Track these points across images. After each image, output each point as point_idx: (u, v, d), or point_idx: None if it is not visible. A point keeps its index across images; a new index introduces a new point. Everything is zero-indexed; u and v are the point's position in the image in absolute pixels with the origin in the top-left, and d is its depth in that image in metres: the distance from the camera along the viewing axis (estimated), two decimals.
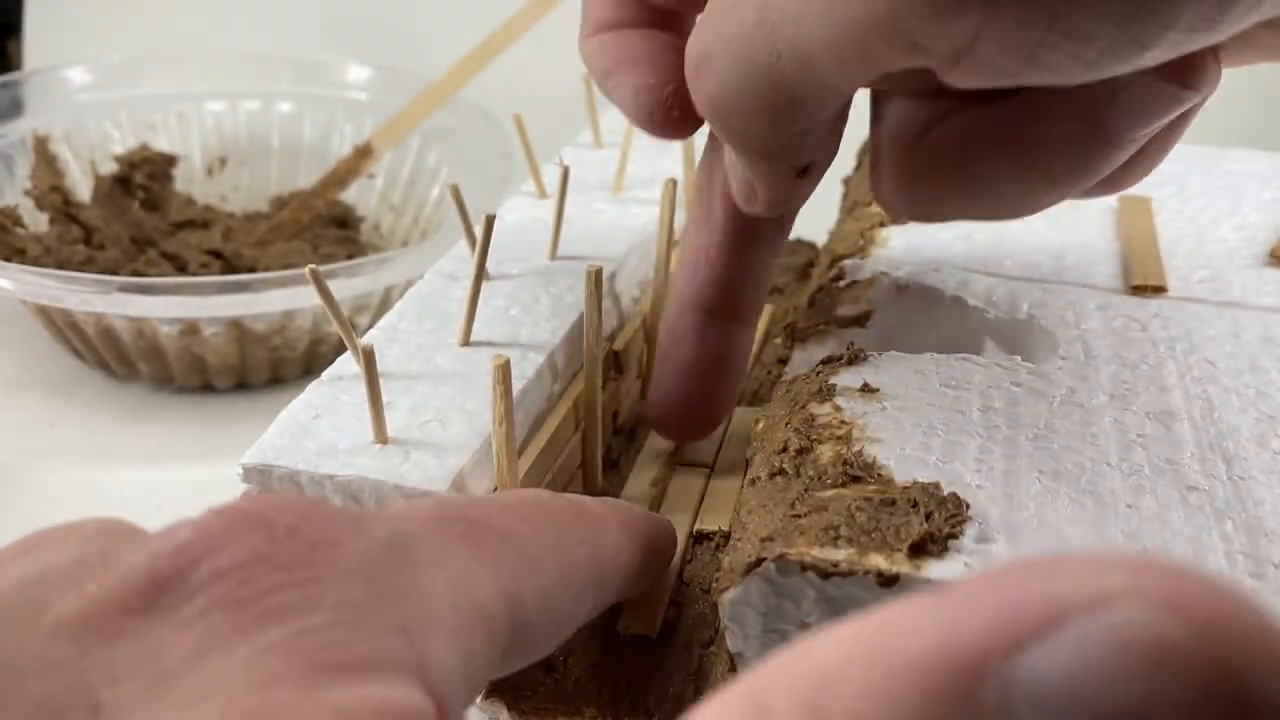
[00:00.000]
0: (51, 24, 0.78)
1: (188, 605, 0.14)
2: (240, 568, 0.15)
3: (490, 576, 0.17)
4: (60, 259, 0.50)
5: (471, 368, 0.29)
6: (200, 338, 0.45)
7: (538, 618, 0.19)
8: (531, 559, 0.19)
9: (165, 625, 0.14)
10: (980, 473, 0.24)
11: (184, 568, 0.15)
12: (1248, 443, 0.25)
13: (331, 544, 0.16)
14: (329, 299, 0.26)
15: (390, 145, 0.57)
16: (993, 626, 0.10)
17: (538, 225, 0.37)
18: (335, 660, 0.14)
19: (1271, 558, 0.22)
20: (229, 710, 0.13)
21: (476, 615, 0.17)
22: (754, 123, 0.23)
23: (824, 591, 0.21)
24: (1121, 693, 0.09)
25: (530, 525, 0.20)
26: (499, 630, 0.17)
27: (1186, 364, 0.29)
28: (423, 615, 0.16)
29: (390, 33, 0.76)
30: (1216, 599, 0.09)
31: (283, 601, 0.15)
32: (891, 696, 0.10)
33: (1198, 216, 0.38)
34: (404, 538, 0.17)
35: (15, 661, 0.14)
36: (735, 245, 0.28)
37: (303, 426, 0.26)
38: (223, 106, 0.60)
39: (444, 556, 0.17)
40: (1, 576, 0.15)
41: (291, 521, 0.16)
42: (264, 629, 0.14)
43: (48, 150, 0.55)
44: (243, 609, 0.14)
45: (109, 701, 0.13)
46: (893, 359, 0.28)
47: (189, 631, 0.14)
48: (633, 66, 0.27)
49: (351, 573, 0.15)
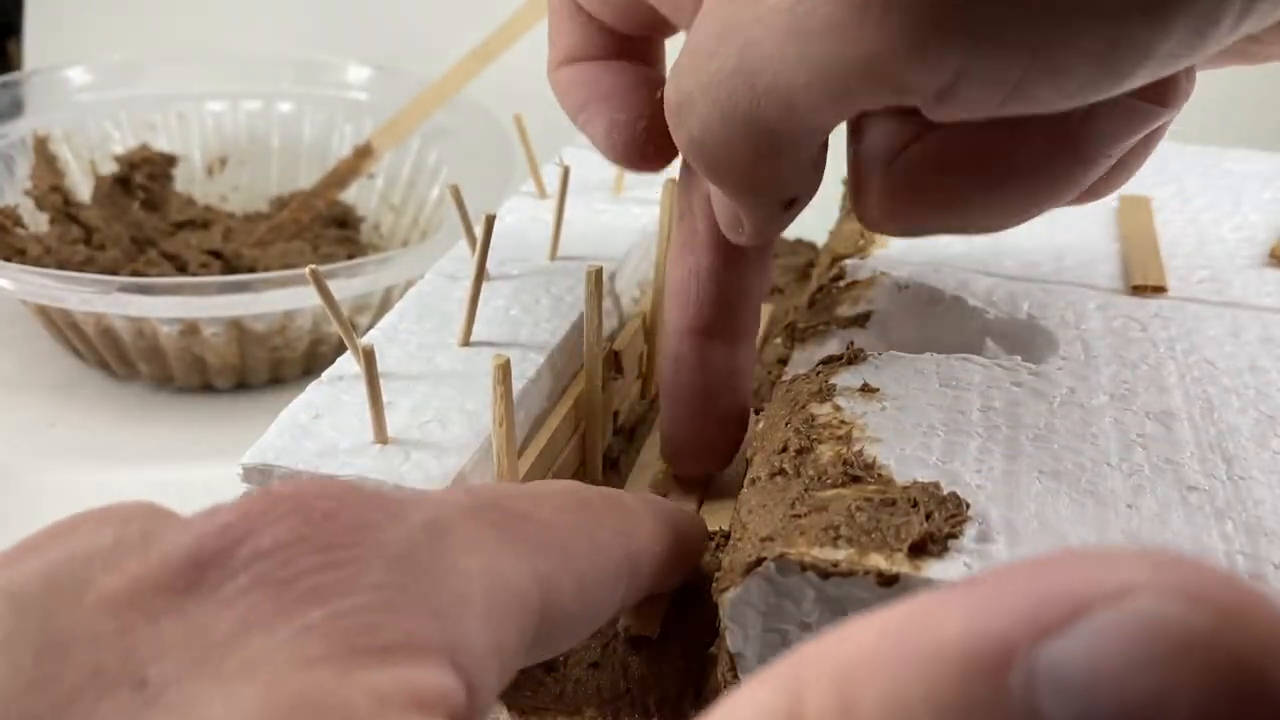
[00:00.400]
0: (51, 24, 0.78)
1: (230, 584, 0.15)
2: (281, 548, 0.15)
3: (524, 564, 0.18)
4: (60, 259, 0.50)
5: (471, 368, 0.29)
6: (200, 338, 0.45)
7: (571, 606, 0.19)
8: (565, 548, 0.19)
9: (208, 604, 0.15)
10: (980, 473, 0.24)
11: (226, 548, 0.15)
12: (1248, 443, 0.25)
13: (369, 528, 0.16)
14: (329, 299, 0.26)
15: (390, 145, 0.57)
16: (1020, 616, 0.10)
17: (538, 225, 0.37)
18: (371, 643, 0.14)
19: (1271, 558, 0.22)
20: (271, 689, 0.14)
21: (509, 602, 0.17)
22: (737, 163, 0.23)
23: (824, 591, 0.21)
24: (1141, 679, 0.09)
25: (564, 515, 0.20)
26: (531, 617, 0.18)
27: (1186, 364, 0.29)
28: (456, 600, 0.16)
29: (390, 33, 0.76)
30: (1233, 591, 0.10)
31: (322, 582, 0.15)
32: (922, 680, 0.10)
33: (1198, 216, 0.38)
34: (439, 523, 0.17)
35: (62, 637, 0.14)
36: (724, 266, 0.28)
37: (303, 426, 0.27)
38: (223, 106, 0.60)
39: (478, 543, 0.17)
40: (43, 557, 0.15)
41: (329, 506, 0.16)
42: (305, 609, 0.14)
43: (48, 150, 0.55)
44: (284, 589, 0.15)
45: (155, 676, 0.14)
46: (893, 359, 0.28)
47: (232, 610, 0.14)
48: (604, 102, 0.27)
49: (388, 557, 0.16)
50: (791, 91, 0.20)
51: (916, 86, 0.19)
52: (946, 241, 0.36)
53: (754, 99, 0.21)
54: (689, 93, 0.22)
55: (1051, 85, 0.19)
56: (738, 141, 0.22)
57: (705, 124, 0.22)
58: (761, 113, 0.21)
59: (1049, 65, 0.18)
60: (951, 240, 0.36)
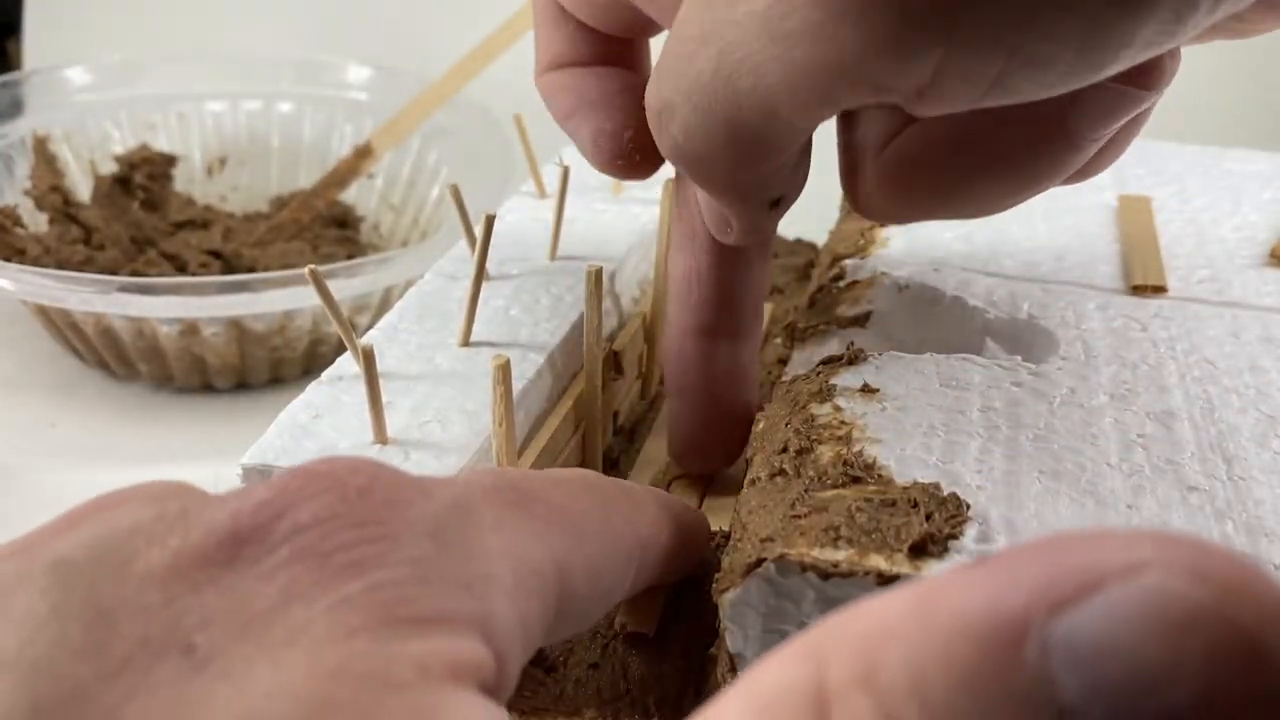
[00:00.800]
0: (51, 24, 0.78)
1: (270, 557, 0.15)
2: (319, 523, 0.16)
3: (541, 544, 0.18)
4: (60, 259, 0.50)
5: (471, 368, 0.29)
6: (200, 338, 0.45)
7: (584, 588, 0.19)
8: (579, 531, 0.20)
9: (249, 576, 0.15)
10: (981, 473, 0.23)
11: (265, 523, 0.16)
12: (1248, 443, 0.25)
13: (401, 504, 0.17)
14: (329, 299, 0.26)
15: (390, 145, 0.57)
16: (1034, 591, 0.11)
17: (538, 225, 0.37)
18: (409, 614, 0.15)
19: (1272, 558, 0.22)
20: (314, 657, 0.14)
21: (532, 578, 0.18)
22: (721, 166, 0.23)
23: (824, 592, 0.21)
24: (1149, 651, 0.10)
25: (578, 500, 0.20)
26: (550, 595, 0.18)
27: (1187, 364, 0.29)
28: (485, 575, 0.17)
29: (390, 33, 0.76)
30: (1237, 568, 0.10)
31: (359, 555, 0.15)
32: (941, 650, 0.11)
33: (1198, 216, 0.38)
34: (465, 502, 0.18)
35: (109, 606, 0.14)
36: (723, 264, 0.28)
37: (303, 427, 0.26)
38: (223, 106, 0.60)
39: (500, 522, 0.18)
40: (87, 531, 0.16)
41: (363, 483, 0.16)
42: (343, 581, 0.15)
43: (48, 150, 0.55)
44: (323, 562, 0.15)
45: (202, 643, 0.14)
46: (893, 359, 0.28)
47: (272, 582, 0.15)
48: (590, 110, 0.27)
49: (420, 532, 0.16)
50: (771, 94, 0.20)
51: (896, 86, 0.19)
52: (947, 241, 0.36)
53: (734, 103, 0.21)
54: (669, 98, 0.22)
55: (1030, 78, 0.19)
56: (719, 145, 0.22)
57: (687, 129, 0.22)
58: (742, 116, 0.21)
59: (1027, 59, 0.18)
60: (952, 240, 0.36)
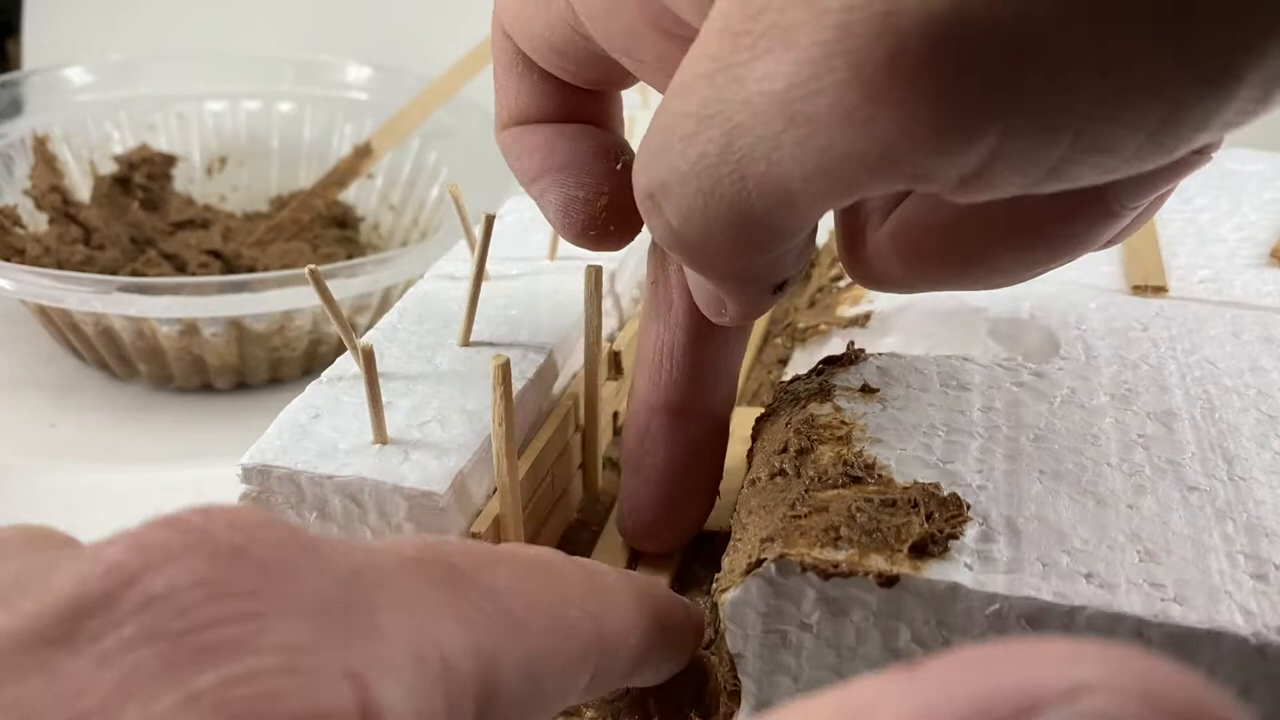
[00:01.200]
0: (51, 24, 0.78)
1: (112, 635, 0.13)
2: (176, 593, 0.13)
3: (461, 631, 0.16)
4: (60, 259, 0.50)
5: (471, 368, 0.29)
6: (200, 338, 0.45)
7: (518, 687, 0.17)
8: (517, 621, 0.17)
9: (85, 660, 0.13)
10: (981, 473, 0.23)
11: (113, 591, 0.13)
12: (1248, 443, 0.25)
13: (283, 571, 0.14)
14: (329, 299, 0.26)
15: (390, 145, 0.57)
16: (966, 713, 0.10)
17: (538, 225, 0.37)
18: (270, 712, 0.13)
19: (1272, 558, 0.22)
20: None
21: (438, 669, 0.15)
22: (723, 254, 0.20)
23: (824, 592, 0.21)
24: None
25: (525, 584, 0.18)
26: (465, 691, 0.16)
27: (1187, 364, 0.29)
28: (374, 661, 0.14)
29: (390, 33, 0.76)
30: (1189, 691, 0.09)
31: (219, 638, 0.13)
32: None
33: (1198, 216, 0.38)
34: (370, 573, 0.15)
35: None
36: (701, 341, 0.26)
37: (302, 427, 0.26)
38: (223, 106, 0.60)
39: (412, 601, 0.15)
40: None
41: (239, 541, 0.14)
42: (195, 672, 0.13)
43: (47, 150, 0.55)
44: (174, 644, 0.13)
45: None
46: (893, 359, 0.28)
47: (111, 668, 0.13)
48: (559, 175, 0.25)
49: (299, 609, 0.14)
50: (788, 183, 0.18)
51: (938, 174, 0.17)
52: None
53: (742, 191, 0.18)
54: (664, 180, 0.19)
55: (1094, 164, 0.16)
56: (723, 233, 0.19)
57: (685, 215, 0.19)
58: (752, 205, 0.18)
59: (1092, 144, 0.16)
60: None
